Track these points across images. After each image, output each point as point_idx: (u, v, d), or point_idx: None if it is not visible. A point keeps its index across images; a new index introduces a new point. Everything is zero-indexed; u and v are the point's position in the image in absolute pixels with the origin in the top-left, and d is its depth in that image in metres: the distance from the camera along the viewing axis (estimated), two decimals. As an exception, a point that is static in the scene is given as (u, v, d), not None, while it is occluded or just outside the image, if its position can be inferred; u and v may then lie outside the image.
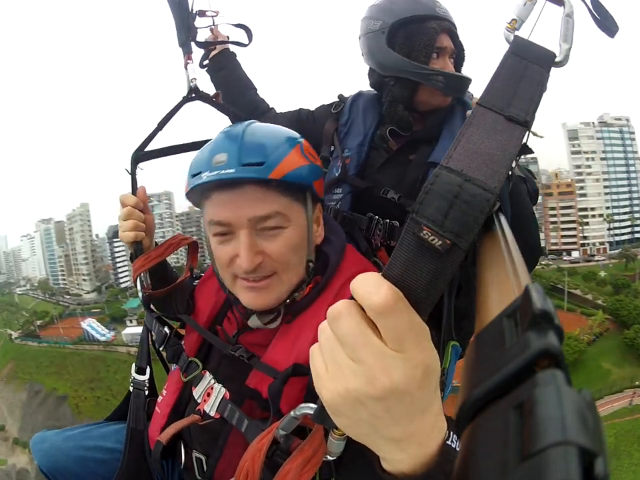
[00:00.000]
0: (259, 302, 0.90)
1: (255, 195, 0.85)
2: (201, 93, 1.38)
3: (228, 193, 0.86)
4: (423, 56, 1.29)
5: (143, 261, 1.20)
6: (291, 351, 0.88)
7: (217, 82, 1.74)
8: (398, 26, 1.30)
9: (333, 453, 0.77)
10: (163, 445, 0.99)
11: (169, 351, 1.09)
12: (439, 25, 1.30)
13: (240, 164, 0.83)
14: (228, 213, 0.86)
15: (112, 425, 1.26)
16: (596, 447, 0.22)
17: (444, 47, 1.32)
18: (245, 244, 0.85)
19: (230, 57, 1.73)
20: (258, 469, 0.76)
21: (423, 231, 0.47)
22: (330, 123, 1.46)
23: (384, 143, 1.36)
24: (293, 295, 0.92)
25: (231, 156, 0.84)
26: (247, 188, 0.85)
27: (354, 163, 1.36)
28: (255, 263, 0.85)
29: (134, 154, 1.27)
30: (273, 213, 0.86)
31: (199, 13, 1.52)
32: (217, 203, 0.88)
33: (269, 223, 0.86)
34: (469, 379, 0.32)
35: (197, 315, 1.11)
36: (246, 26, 1.64)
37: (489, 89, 0.57)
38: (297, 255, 0.90)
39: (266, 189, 0.85)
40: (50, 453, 1.15)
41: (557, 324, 0.29)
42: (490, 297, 0.43)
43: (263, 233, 0.87)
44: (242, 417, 0.90)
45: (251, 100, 1.72)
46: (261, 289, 0.89)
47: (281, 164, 0.85)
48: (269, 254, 0.87)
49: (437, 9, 1.31)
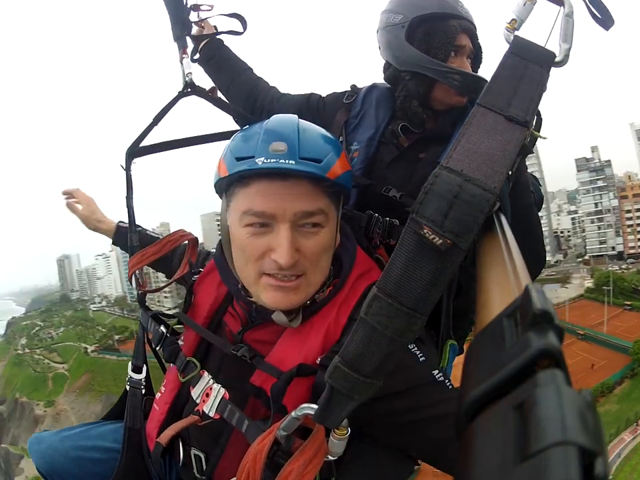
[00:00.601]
0: (285, 302, 0.87)
1: (305, 190, 0.84)
2: (196, 87, 1.37)
3: (278, 184, 0.83)
4: (442, 53, 1.28)
5: (139, 258, 1.19)
6: (299, 351, 0.87)
7: (209, 72, 1.72)
8: (419, 21, 1.29)
9: (334, 453, 0.77)
10: (162, 447, 0.99)
11: (166, 351, 1.07)
12: (459, 24, 1.29)
13: (300, 156, 0.82)
14: (274, 204, 0.83)
15: (109, 424, 1.25)
16: (596, 447, 0.22)
17: (462, 46, 1.30)
18: (287, 238, 0.82)
19: (217, 44, 1.70)
20: (259, 470, 0.76)
21: (424, 229, 0.47)
22: (341, 113, 1.44)
23: (395, 139, 1.35)
24: (314, 296, 0.92)
25: (290, 146, 0.82)
26: (295, 182, 0.83)
27: (362, 157, 1.34)
28: (294, 259, 0.83)
29: (129, 149, 1.25)
30: (318, 210, 0.85)
31: (193, 7, 1.51)
32: (261, 192, 0.84)
33: (312, 219, 0.85)
34: (469, 378, 0.32)
35: (195, 311, 1.08)
36: (239, 15, 1.62)
37: (489, 88, 0.57)
38: (326, 256, 0.90)
39: (315, 186, 0.85)
40: (47, 453, 1.14)
41: (557, 324, 0.29)
42: (490, 297, 0.43)
43: (303, 230, 0.86)
44: (242, 418, 0.89)
45: (247, 79, 1.68)
46: (289, 289, 0.87)
47: (335, 165, 0.86)
48: (304, 252, 0.85)
49: (460, 8, 1.31)
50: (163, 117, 1.29)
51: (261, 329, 0.97)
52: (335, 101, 1.49)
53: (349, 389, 0.57)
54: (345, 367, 0.56)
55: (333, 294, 0.92)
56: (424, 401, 0.85)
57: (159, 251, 1.19)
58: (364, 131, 1.37)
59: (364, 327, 0.53)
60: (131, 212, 1.29)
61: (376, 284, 0.51)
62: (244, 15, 1.61)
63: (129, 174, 1.25)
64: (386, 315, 0.51)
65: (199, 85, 1.38)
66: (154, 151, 1.28)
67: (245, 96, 1.63)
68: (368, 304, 0.52)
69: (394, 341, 0.52)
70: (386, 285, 0.50)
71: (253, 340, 0.97)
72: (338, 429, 0.75)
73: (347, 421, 0.74)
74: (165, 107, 1.30)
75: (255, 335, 0.97)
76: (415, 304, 0.50)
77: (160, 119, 1.28)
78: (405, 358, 0.86)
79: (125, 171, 1.25)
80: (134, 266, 1.19)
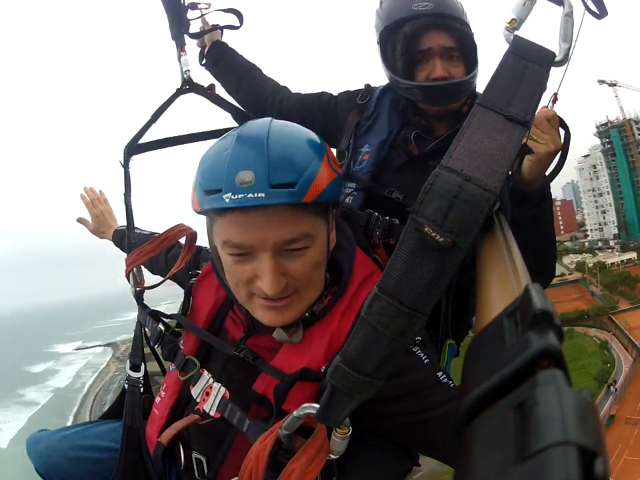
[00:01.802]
0: (279, 319, 0.86)
1: (284, 217, 0.77)
2: (195, 84, 1.35)
3: (253, 215, 0.77)
4: (403, 67, 1.22)
5: (136, 255, 1.16)
6: (303, 358, 0.86)
7: (217, 76, 1.70)
8: (384, 37, 1.25)
9: (336, 452, 0.77)
10: (164, 447, 0.99)
11: (165, 349, 1.05)
12: (414, 25, 1.18)
13: (269, 185, 0.74)
14: (251, 235, 0.78)
15: (107, 423, 1.23)
16: (596, 447, 0.22)
17: (427, 49, 1.20)
18: (269, 269, 0.78)
19: (221, 48, 1.69)
20: (262, 469, 0.76)
21: (425, 228, 0.47)
22: (354, 114, 1.40)
23: (406, 145, 1.32)
24: (311, 308, 0.90)
25: (258, 176, 0.74)
26: (276, 211, 0.76)
27: (372, 160, 1.32)
28: (280, 286, 0.80)
29: (127, 146, 1.23)
30: (301, 235, 0.80)
31: (190, 5, 1.51)
32: (236, 224, 0.79)
33: (295, 245, 0.80)
34: (469, 378, 0.33)
35: (195, 314, 1.06)
36: (236, 9, 1.62)
37: (488, 88, 0.57)
38: (318, 271, 0.87)
39: (296, 210, 0.78)
40: (46, 454, 1.12)
41: (557, 324, 0.29)
42: (490, 297, 0.43)
43: (287, 254, 0.81)
44: (243, 417, 0.89)
45: (254, 81, 1.63)
46: (281, 307, 0.84)
47: (314, 183, 0.78)
48: (292, 274, 0.82)
49: (414, 5, 1.17)
50: (162, 114, 1.29)
51: (263, 336, 0.95)
52: (347, 100, 1.46)
53: (350, 388, 0.57)
54: (346, 366, 0.56)
55: (334, 301, 0.90)
56: (430, 402, 0.85)
57: (156, 247, 1.16)
58: (376, 134, 1.35)
59: (365, 326, 0.53)
60: (129, 209, 1.28)
61: (377, 284, 0.52)
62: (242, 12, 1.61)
63: (127, 171, 1.25)
64: (386, 315, 0.51)
65: (197, 82, 1.38)
66: (153, 148, 1.28)
67: (253, 98, 1.61)
68: (369, 304, 0.52)
69: (394, 340, 0.52)
70: (386, 284, 0.50)
71: (255, 346, 0.95)
72: (339, 427, 0.75)
73: (348, 420, 0.74)
74: (163, 104, 1.30)
75: (258, 341, 0.96)
76: (415, 304, 0.50)
77: (158, 116, 1.29)
78: (410, 361, 0.86)
79: (123, 167, 1.25)
80: (132, 263, 1.18)
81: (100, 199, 1.70)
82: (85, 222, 1.70)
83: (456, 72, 1.22)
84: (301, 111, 1.50)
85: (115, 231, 1.60)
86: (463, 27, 1.21)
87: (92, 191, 1.71)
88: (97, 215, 1.67)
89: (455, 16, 1.20)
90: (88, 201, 1.69)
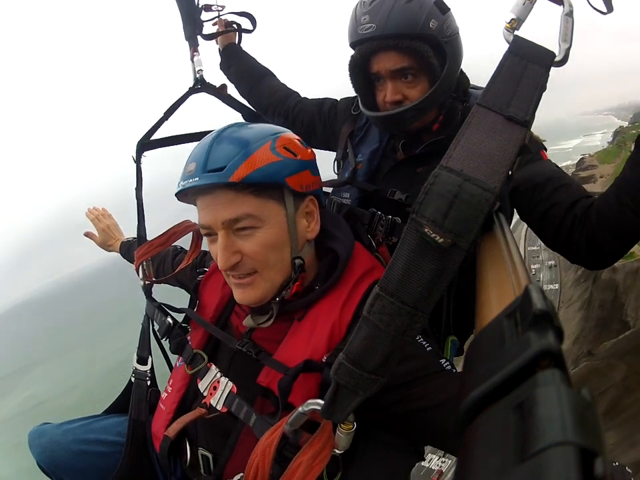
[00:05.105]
0: (245, 297, 0.92)
1: (226, 198, 0.87)
2: (207, 84, 1.41)
3: (204, 198, 0.90)
4: (359, 92, 1.24)
5: (146, 248, 1.22)
6: (305, 348, 0.87)
7: (231, 80, 1.74)
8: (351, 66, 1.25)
9: (341, 447, 0.78)
10: (170, 440, 0.99)
11: (173, 342, 1.08)
12: (358, 52, 1.15)
13: (205, 171, 0.86)
14: (208, 216, 0.90)
15: (112, 417, 1.24)
16: (596, 447, 0.22)
17: (375, 73, 1.17)
18: (220, 244, 0.89)
19: (234, 52, 1.71)
20: (268, 464, 0.77)
21: (425, 228, 0.47)
22: (347, 125, 1.43)
23: (394, 153, 1.34)
24: (281, 294, 0.93)
25: (198, 164, 0.88)
26: (217, 193, 0.87)
27: (364, 170, 1.34)
28: (231, 262, 0.88)
29: (139, 142, 1.29)
30: (242, 215, 0.87)
31: (204, 7, 1.55)
32: (200, 207, 0.92)
33: (240, 224, 0.88)
34: (469, 378, 0.33)
35: (202, 310, 1.09)
36: (249, 13, 1.68)
37: (488, 88, 0.57)
38: (276, 254, 0.90)
39: (235, 192, 0.87)
40: (49, 447, 1.12)
41: (557, 324, 0.29)
42: (490, 297, 0.43)
43: (239, 233, 0.89)
44: (250, 412, 0.89)
45: (265, 87, 1.68)
46: (246, 285, 0.91)
47: (241, 166, 0.85)
48: (246, 252, 0.89)
49: (359, 29, 1.11)
50: (174, 112, 1.35)
51: (267, 328, 0.96)
52: (344, 110, 1.48)
53: (354, 385, 0.58)
54: (350, 363, 0.57)
55: (330, 286, 0.92)
56: (436, 387, 0.84)
57: (166, 241, 1.24)
58: (368, 144, 1.38)
59: (367, 325, 0.54)
60: (139, 202, 1.33)
61: (378, 283, 0.52)
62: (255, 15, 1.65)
63: (139, 166, 1.30)
64: (388, 314, 0.52)
65: (209, 82, 1.43)
66: (164, 145, 1.33)
67: (266, 104, 1.65)
68: (370, 303, 0.53)
69: (396, 338, 0.53)
70: (388, 284, 0.51)
71: (260, 338, 0.97)
72: (344, 423, 0.76)
73: (352, 415, 0.75)
74: (175, 102, 1.36)
75: (262, 333, 0.98)
76: (416, 303, 0.50)
77: (171, 114, 1.35)
78: (412, 348, 0.86)
79: (135, 162, 1.30)
80: (141, 256, 1.23)
81: (104, 214, 1.78)
82: (93, 236, 1.77)
83: (410, 93, 1.16)
84: (305, 122, 1.56)
85: (121, 243, 1.65)
86: (414, 43, 1.09)
87: (96, 209, 1.80)
88: (103, 228, 1.74)
89: (403, 33, 1.09)
90: (93, 217, 1.76)
